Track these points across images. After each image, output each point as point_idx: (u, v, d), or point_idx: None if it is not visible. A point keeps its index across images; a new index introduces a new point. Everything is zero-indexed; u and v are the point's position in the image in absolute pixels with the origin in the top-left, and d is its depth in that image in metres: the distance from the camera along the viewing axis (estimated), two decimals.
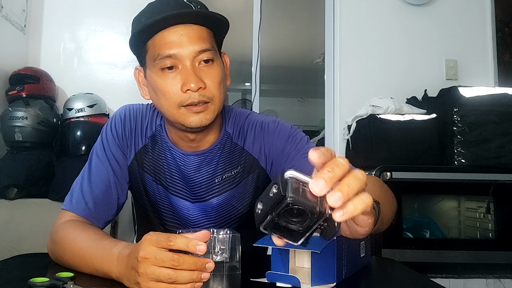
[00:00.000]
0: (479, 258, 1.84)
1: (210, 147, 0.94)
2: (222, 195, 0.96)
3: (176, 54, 0.82)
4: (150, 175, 0.97)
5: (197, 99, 0.82)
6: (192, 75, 0.82)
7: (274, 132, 0.96)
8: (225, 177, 0.95)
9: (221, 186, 0.96)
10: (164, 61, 0.83)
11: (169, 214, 0.99)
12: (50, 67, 2.35)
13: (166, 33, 0.83)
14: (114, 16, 2.50)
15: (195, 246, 0.60)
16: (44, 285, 0.66)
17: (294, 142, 0.94)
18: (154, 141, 0.97)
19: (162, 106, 0.87)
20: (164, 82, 0.84)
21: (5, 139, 2.04)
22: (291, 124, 0.99)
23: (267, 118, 1.00)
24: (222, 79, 0.88)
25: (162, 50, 0.82)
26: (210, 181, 0.95)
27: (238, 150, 0.96)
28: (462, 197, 2.04)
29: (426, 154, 2.05)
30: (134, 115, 0.99)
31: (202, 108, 0.84)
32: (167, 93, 0.84)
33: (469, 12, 2.64)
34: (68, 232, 0.84)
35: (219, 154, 0.95)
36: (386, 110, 2.17)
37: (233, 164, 0.96)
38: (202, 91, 0.83)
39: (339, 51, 2.58)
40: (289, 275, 0.70)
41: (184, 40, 0.82)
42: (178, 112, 0.84)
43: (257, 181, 0.97)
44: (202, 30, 0.85)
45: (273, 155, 0.95)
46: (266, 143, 0.96)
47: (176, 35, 0.82)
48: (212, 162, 0.95)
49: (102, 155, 0.96)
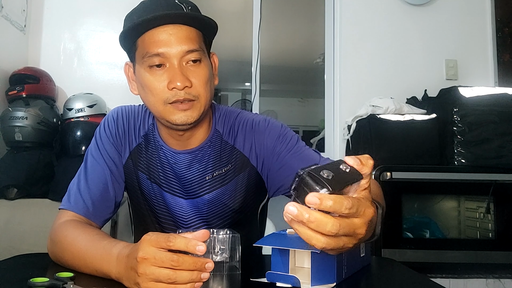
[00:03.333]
0: (479, 258, 1.84)
1: (200, 145, 0.96)
2: (213, 192, 0.97)
3: (164, 53, 0.84)
4: (145, 174, 0.98)
5: (182, 96, 0.84)
6: (178, 74, 0.84)
7: (265, 131, 0.97)
8: (216, 174, 0.97)
9: (212, 183, 0.97)
10: (152, 59, 0.85)
11: (164, 212, 0.99)
12: (50, 67, 2.35)
13: (155, 31, 0.84)
14: (114, 16, 2.50)
15: (194, 246, 0.61)
16: (44, 285, 0.66)
17: (285, 141, 0.96)
18: (147, 140, 0.99)
19: (149, 102, 0.89)
20: (151, 78, 0.86)
21: (5, 139, 2.04)
22: (282, 123, 1.01)
23: (258, 117, 1.01)
24: (209, 78, 0.90)
25: (151, 48, 0.84)
26: (201, 178, 0.96)
27: (228, 148, 0.98)
28: (462, 197, 2.04)
29: (426, 154, 2.05)
30: (126, 115, 1.01)
31: (188, 106, 0.86)
32: (154, 89, 0.86)
33: (469, 12, 2.64)
34: (68, 233, 0.84)
35: (209, 152, 0.97)
36: (386, 110, 2.17)
37: (224, 161, 0.97)
38: (188, 89, 0.85)
39: (339, 51, 2.58)
40: (289, 275, 0.70)
41: (172, 40, 0.84)
42: (164, 109, 0.86)
43: (248, 179, 0.98)
44: (191, 31, 0.86)
45: (264, 153, 0.97)
46: (256, 142, 0.97)
47: (165, 34, 0.84)
48: (203, 160, 0.96)
49: (98, 155, 0.97)
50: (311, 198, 0.48)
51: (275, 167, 0.96)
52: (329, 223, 0.48)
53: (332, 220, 0.49)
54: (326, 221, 0.48)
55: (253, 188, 1.00)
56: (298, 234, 0.50)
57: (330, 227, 0.48)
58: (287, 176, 0.94)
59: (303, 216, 0.48)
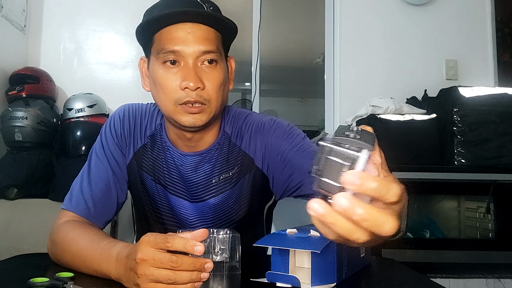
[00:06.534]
0: (479, 258, 1.84)
1: (209, 148, 0.94)
2: (219, 196, 0.95)
3: (180, 51, 0.83)
4: (149, 175, 0.97)
5: (194, 98, 0.83)
6: (192, 74, 0.82)
7: (270, 130, 0.95)
8: (223, 177, 0.95)
9: (218, 187, 0.95)
10: (167, 56, 0.83)
11: (168, 214, 0.98)
12: (50, 67, 2.35)
13: (173, 28, 0.83)
14: (114, 16, 2.50)
15: (192, 247, 0.60)
16: (44, 285, 0.66)
17: (290, 139, 0.93)
18: (153, 141, 0.97)
19: (160, 100, 0.87)
20: (164, 76, 0.84)
21: (5, 139, 2.04)
22: (289, 123, 0.99)
23: (265, 118, 0.99)
24: (223, 82, 0.88)
25: (167, 44, 0.83)
26: (207, 181, 0.95)
27: (235, 150, 0.96)
28: (462, 197, 2.04)
29: (426, 154, 2.05)
30: (133, 114, 0.99)
31: (198, 109, 0.84)
32: (166, 88, 0.84)
33: (469, 12, 2.63)
34: (68, 233, 0.83)
35: (217, 155, 0.95)
36: (386, 110, 2.17)
37: (231, 164, 0.95)
38: (200, 91, 0.83)
39: (339, 51, 2.58)
40: (289, 275, 0.70)
41: (190, 38, 0.83)
42: (174, 109, 0.85)
43: (253, 181, 0.96)
44: (209, 31, 0.85)
45: (269, 153, 0.94)
46: (262, 142, 0.95)
47: (183, 32, 0.83)
48: (210, 162, 0.94)
49: (101, 155, 0.96)
50: (350, 177, 0.36)
51: (280, 167, 0.93)
52: (388, 223, 0.37)
53: (391, 219, 0.37)
54: (385, 221, 0.37)
55: (259, 190, 0.97)
56: (332, 227, 0.38)
57: (388, 228, 0.37)
58: (291, 175, 0.90)
59: (354, 211, 0.36)
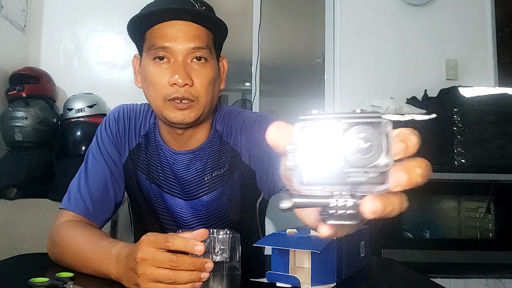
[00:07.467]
0: (479, 258, 1.83)
1: (200, 146, 0.95)
2: (212, 193, 0.96)
3: (170, 47, 0.84)
4: (144, 174, 0.98)
5: (182, 94, 0.84)
6: (181, 70, 0.83)
7: (254, 125, 0.95)
8: (215, 175, 0.96)
9: (210, 184, 0.96)
10: (158, 52, 0.85)
11: (164, 212, 0.99)
12: (50, 67, 2.35)
13: (164, 25, 0.85)
14: (114, 16, 2.50)
15: (193, 247, 0.60)
16: (44, 285, 0.66)
17: None
18: (147, 140, 0.98)
19: (150, 96, 0.89)
20: (154, 71, 0.86)
21: (5, 139, 2.04)
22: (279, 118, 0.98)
23: (254, 114, 1.00)
24: (213, 80, 0.88)
25: (158, 41, 0.85)
26: (199, 179, 0.96)
27: (226, 148, 0.97)
28: (462, 197, 2.04)
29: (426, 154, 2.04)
30: (127, 114, 1.00)
31: (186, 105, 0.85)
32: (155, 83, 0.85)
33: (469, 12, 2.63)
34: (67, 233, 0.84)
35: (208, 153, 0.96)
36: (386, 110, 2.16)
37: (222, 162, 0.96)
38: (188, 88, 0.84)
39: (339, 51, 2.58)
40: (289, 275, 0.70)
41: (180, 36, 0.84)
42: (163, 105, 0.86)
43: (242, 178, 0.96)
44: (200, 30, 0.86)
45: (253, 147, 0.93)
46: (246, 137, 0.95)
47: (173, 29, 0.84)
48: (202, 160, 0.95)
49: (98, 155, 0.96)
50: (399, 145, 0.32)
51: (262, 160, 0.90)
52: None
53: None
54: None
55: (249, 186, 0.98)
56: None
57: None
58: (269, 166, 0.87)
59: None
